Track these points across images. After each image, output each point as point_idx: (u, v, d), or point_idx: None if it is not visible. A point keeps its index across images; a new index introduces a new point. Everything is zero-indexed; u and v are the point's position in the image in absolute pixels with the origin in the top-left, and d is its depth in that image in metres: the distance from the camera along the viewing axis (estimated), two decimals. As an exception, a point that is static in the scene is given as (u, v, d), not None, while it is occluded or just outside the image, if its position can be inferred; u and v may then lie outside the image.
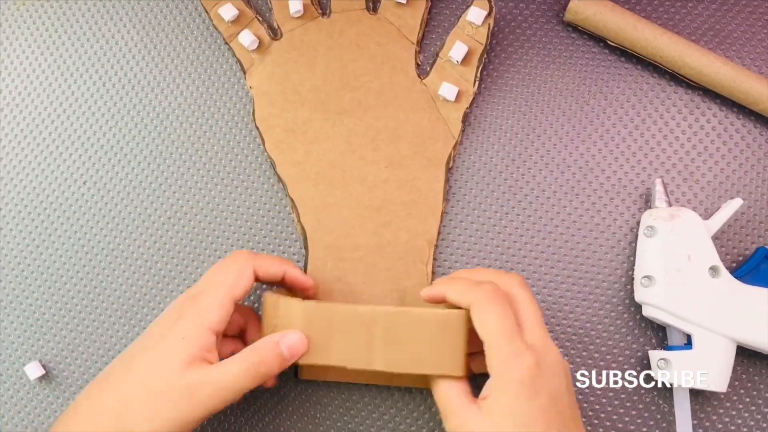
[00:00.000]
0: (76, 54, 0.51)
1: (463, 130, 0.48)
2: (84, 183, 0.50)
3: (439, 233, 0.47)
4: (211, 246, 0.48)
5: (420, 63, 0.49)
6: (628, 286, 0.46)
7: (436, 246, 0.47)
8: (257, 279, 0.41)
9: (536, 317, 0.38)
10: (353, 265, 0.46)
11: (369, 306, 0.41)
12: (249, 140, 0.49)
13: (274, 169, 0.48)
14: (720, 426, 0.44)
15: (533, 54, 0.49)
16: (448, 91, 0.47)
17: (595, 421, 0.45)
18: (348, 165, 0.47)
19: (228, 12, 0.48)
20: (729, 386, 0.44)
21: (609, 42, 0.47)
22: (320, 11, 0.49)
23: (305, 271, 0.47)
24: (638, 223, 0.46)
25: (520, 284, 0.39)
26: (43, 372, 0.48)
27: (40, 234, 0.49)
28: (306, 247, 0.47)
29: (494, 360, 0.36)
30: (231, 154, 0.49)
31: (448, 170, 0.47)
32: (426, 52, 0.49)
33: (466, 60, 0.47)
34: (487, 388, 0.36)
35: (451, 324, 0.39)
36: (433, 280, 0.46)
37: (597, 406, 0.45)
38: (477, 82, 0.47)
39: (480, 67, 0.47)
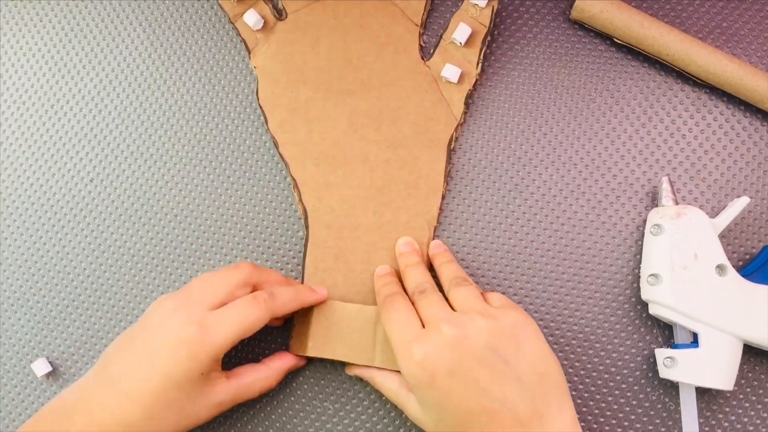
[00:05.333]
0: (79, 45, 0.51)
1: (465, 112, 0.48)
2: (91, 180, 0.50)
3: (439, 214, 0.47)
4: (215, 235, 0.48)
5: (424, 44, 0.49)
6: (635, 284, 0.46)
7: (437, 227, 0.47)
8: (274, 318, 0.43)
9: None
10: (353, 244, 0.46)
11: (373, 306, 0.44)
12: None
13: (276, 148, 0.48)
14: (726, 424, 0.44)
15: (539, 52, 0.49)
16: (450, 72, 0.47)
17: (601, 419, 0.45)
18: (350, 145, 0.47)
19: (233, -8, 0.48)
20: (735, 385, 0.44)
21: (615, 40, 0.47)
22: (325, -9, 0.49)
23: (305, 249, 0.47)
24: (645, 221, 0.46)
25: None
26: (50, 369, 0.48)
27: (47, 232, 0.50)
28: (306, 226, 0.47)
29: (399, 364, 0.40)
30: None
31: (450, 151, 0.47)
32: (430, 34, 0.49)
33: (469, 42, 0.47)
34: None
35: None
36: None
37: (603, 404, 0.45)
38: (480, 65, 0.47)
39: (483, 50, 0.47)
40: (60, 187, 0.50)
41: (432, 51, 0.48)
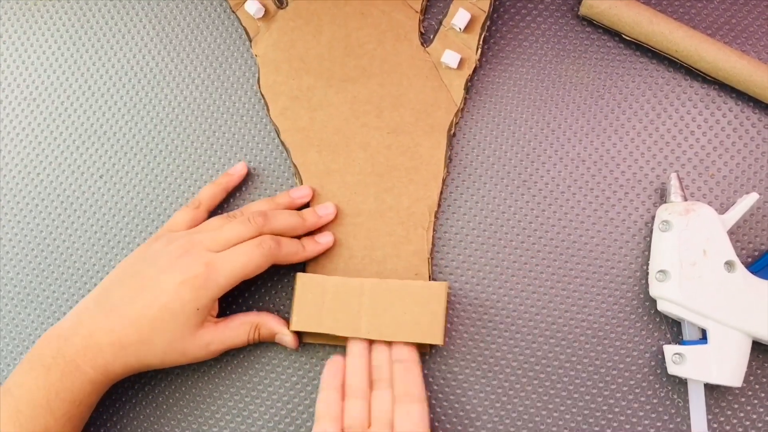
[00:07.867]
0: (86, 36, 0.52)
1: (465, 98, 0.48)
2: (101, 176, 0.50)
3: (440, 199, 0.47)
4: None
5: (424, 31, 0.49)
6: (643, 281, 0.46)
7: (437, 212, 0.47)
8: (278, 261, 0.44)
9: None
10: (354, 229, 0.47)
11: (357, 278, 0.44)
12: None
13: (278, 135, 0.48)
14: (735, 421, 0.44)
15: (548, 48, 0.49)
16: (450, 58, 0.47)
17: (609, 416, 0.45)
18: (351, 131, 0.48)
19: (235, -20, 0.48)
20: (744, 381, 0.44)
21: (624, 36, 0.47)
22: (326, -21, 0.49)
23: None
24: (653, 217, 0.46)
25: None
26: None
27: (57, 227, 0.50)
28: None
29: None
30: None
31: (450, 137, 0.48)
32: (430, 20, 0.49)
33: (469, 27, 0.48)
34: None
35: (432, 294, 0.43)
36: (433, 247, 0.47)
37: (611, 401, 0.45)
38: (479, 50, 0.48)
39: (483, 35, 0.48)
40: (70, 183, 0.50)
41: (432, 37, 0.48)
